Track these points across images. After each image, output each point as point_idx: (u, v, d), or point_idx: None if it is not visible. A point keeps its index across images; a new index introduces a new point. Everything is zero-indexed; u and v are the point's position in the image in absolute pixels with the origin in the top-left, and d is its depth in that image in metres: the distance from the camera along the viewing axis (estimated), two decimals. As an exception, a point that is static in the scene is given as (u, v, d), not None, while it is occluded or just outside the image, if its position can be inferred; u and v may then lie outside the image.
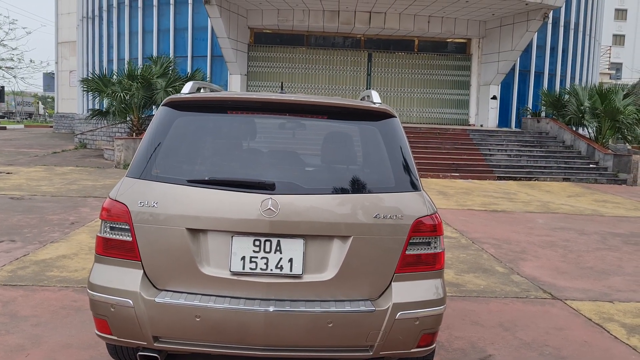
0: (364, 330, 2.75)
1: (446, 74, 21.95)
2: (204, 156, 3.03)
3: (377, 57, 21.74)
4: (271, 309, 2.68)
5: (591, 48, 25.15)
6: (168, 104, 3.07)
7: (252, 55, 21.27)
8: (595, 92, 18.49)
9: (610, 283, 6.03)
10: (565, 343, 4.28)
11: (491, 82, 20.92)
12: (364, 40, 21.78)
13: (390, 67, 21.75)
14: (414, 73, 21.79)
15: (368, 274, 2.82)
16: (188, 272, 2.78)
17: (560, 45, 23.10)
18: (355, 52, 21.72)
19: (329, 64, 21.53)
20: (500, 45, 20.36)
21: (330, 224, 2.78)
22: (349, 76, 21.65)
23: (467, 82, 21.94)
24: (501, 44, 20.30)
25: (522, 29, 19.32)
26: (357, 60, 21.69)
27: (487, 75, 21.18)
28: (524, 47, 19.89)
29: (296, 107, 3.05)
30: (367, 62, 21.70)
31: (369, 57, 21.70)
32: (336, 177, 2.93)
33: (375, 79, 21.75)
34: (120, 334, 2.82)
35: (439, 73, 21.90)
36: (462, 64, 21.97)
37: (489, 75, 21.05)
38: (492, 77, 20.88)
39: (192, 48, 21.31)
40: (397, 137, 3.05)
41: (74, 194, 10.46)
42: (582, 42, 24.13)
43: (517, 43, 19.54)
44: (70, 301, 4.69)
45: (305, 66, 21.47)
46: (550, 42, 22.70)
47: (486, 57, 21.25)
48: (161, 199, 2.81)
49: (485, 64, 21.34)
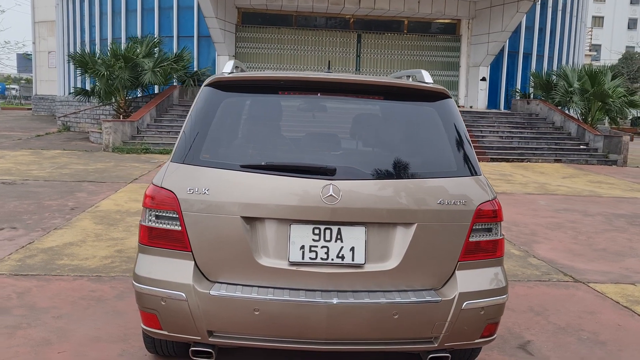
0: (430, 321, 2.63)
1: (436, 55, 21.83)
2: (256, 140, 2.86)
3: (366, 38, 21.50)
4: (334, 301, 2.54)
5: (578, 29, 25.23)
6: (212, 84, 2.88)
7: (239, 36, 20.86)
8: (584, 73, 18.54)
9: (627, 265, 6.02)
10: (600, 327, 4.24)
11: (481, 64, 20.87)
12: (354, 21, 21.50)
13: (380, 48, 21.54)
14: (403, 54, 21.62)
15: (431, 263, 2.69)
16: (243, 263, 2.62)
17: (548, 27, 23.11)
18: (345, 33, 21.44)
19: (318, 45, 21.22)
20: (490, 26, 20.27)
21: (393, 211, 2.64)
22: (338, 57, 21.39)
23: (457, 64, 21.85)
24: (491, 24, 20.21)
25: (512, 10, 19.24)
26: (347, 42, 21.43)
27: (477, 57, 21.11)
28: (514, 28, 19.84)
29: (352, 87, 2.89)
30: (357, 43, 21.44)
31: (359, 38, 21.45)
32: (396, 161, 2.78)
33: (364, 60, 21.53)
34: (171, 329, 2.66)
35: (429, 54, 21.76)
36: (452, 45, 21.86)
37: (479, 57, 20.98)
38: (481, 59, 20.81)
39: (178, 28, 20.81)
40: (455, 119, 2.91)
41: (67, 178, 10.15)
42: (569, 23, 24.18)
43: (507, 24, 19.47)
44: (88, 291, 4.50)
45: (294, 47, 21.13)
46: (539, 24, 22.69)
47: (476, 38, 21.16)
48: (213, 186, 2.63)
49: (474, 45, 21.25)
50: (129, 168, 11.80)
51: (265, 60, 20.95)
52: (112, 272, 4.97)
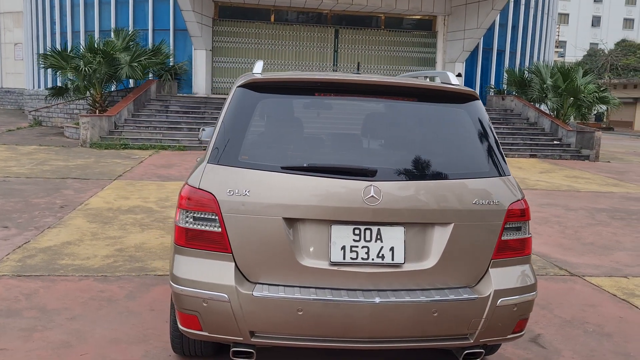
0: (467, 318, 2.71)
1: (412, 50, 22.00)
2: (293, 141, 2.88)
3: (343, 34, 21.54)
4: (377, 300, 2.59)
5: (548, 26, 25.78)
6: (247, 85, 2.87)
7: (217, 30, 20.64)
8: (557, 70, 18.97)
9: (616, 258, 6.23)
10: (603, 320, 4.39)
11: (456, 60, 21.13)
12: (331, 16, 21.50)
13: (357, 44, 21.60)
14: (380, 50, 21.73)
15: (467, 262, 2.76)
16: (285, 263, 2.64)
17: (521, 24, 23.53)
18: (322, 28, 21.43)
19: (295, 40, 21.17)
20: (465, 23, 20.54)
21: (431, 211, 2.70)
22: (316, 52, 21.38)
23: (433, 59, 22.08)
24: (467, 21, 20.48)
25: (487, 7, 19.52)
26: (324, 37, 21.42)
27: (453, 53, 21.37)
28: (489, 25, 20.15)
29: (387, 89, 2.93)
30: (334, 39, 21.46)
31: (336, 33, 21.46)
32: (432, 162, 2.83)
33: (342, 56, 21.57)
34: (212, 330, 2.66)
35: (405, 50, 21.93)
36: (428, 41, 22.07)
37: (455, 53, 21.25)
38: (457, 55, 21.09)
39: (153, 21, 20.45)
40: (485, 120, 2.98)
41: (49, 175, 9.93)
42: (540, 20, 24.67)
43: (483, 21, 19.75)
44: (97, 292, 4.45)
45: (271, 42, 21.02)
46: (512, 21, 23.08)
47: (452, 34, 21.42)
48: (254, 187, 2.64)
49: (450, 42, 21.51)
50: (110, 164, 11.61)
51: (243, 54, 20.79)
52: (117, 272, 4.92)
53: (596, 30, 78.39)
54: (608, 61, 56.04)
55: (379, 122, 2.95)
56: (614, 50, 60.51)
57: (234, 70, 20.74)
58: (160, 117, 16.65)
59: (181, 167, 11.88)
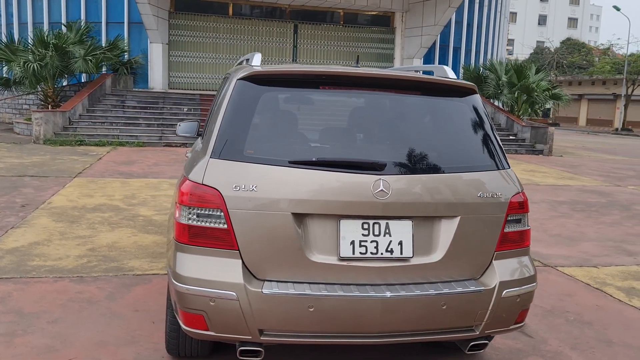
0: (474, 310, 2.73)
1: (371, 46, 22.15)
2: (299, 135, 2.82)
3: (303, 29, 21.46)
4: (388, 295, 2.57)
5: (501, 24, 26.45)
6: (247, 78, 2.79)
7: (173, 23, 20.19)
8: (511, 67, 19.50)
9: (583, 249, 6.44)
10: (581, 309, 4.53)
11: (414, 56, 21.41)
12: (290, 11, 21.39)
13: (317, 39, 21.58)
14: (340, 45, 21.78)
15: (472, 254, 2.79)
16: (294, 259, 2.59)
17: (475, 21, 24.06)
18: (281, 23, 21.29)
19: (254, 34, 20.95)
20: (423, 20, 20.82)
21: (438, 204, 2.71)
22: (275, 48, 21.23)
23: (392, 55, 22.30)
24: (424, 18, 20.76)
25: (444, 5, 19.85)
26: (283, 32, 21.29)
27: (411, 49, 21.63)
28: (446, 22, 20.49)
29: (391, 82, 2.92)
30: (293, 34, 21.37)
31: (295, 28, 21.37)
32: (438, 155, 2.84)
33: (301, 51, 21.50)
34: (219, 329, 2.59)
35: (364, 46, 22.04)
36: (387, 37, 22.27)
37: (413, 49, 21.51)
38: (415, 51, 21.36)
39: (107, 13, 19.82)
40: (484, 114, 3.01)
41: (4, 172, 9.50)
42: (493, 18, 25.28)
43: (440, 18, 20.08)
44: (75, 293, 4.27)
45: (230, 36, 20.73)
46: (467, 19, 23.55)
47: (410, 31, 21.67)
48: (261, 182, 2.58)
49: (408, 38, 21.76)
50: (68, 161, 11.20)
51: (200, 49, 20.42)
52: (94, 273, 4.74)
53: (542, 29, 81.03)
54: (554, 59, 58.01)
55: (384, 116, 2.93)
56: (559, 49, 62.70)
57: (191, 64, 20.38)
58: (117, 112, 16.19)
59: (142, 163, 11.59)
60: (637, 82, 46.26)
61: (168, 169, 11.06)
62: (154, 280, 4.63)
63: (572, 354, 3.68)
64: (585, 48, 63.76)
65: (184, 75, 20.28)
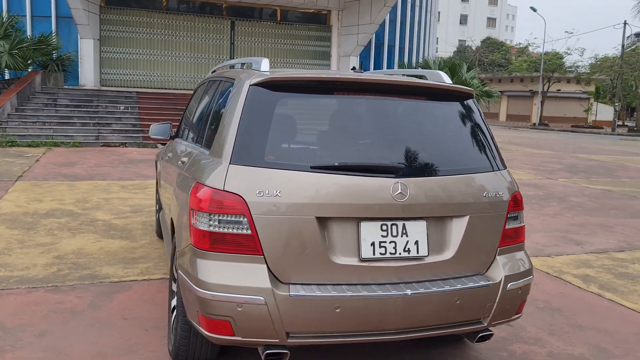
0: (483, 304, 2.89)
1: (308, 44, 22.28)
2: (317, 140, 2.88)
3: (240, 26, 21.27)
4: (409, 293, 2.69)
5: (431, 23, 27.33)
6: (261, 84, 2.82)
7: (104, 18, 19.45)
8: (444, 64, 20.21)
9: (534, 240, 6.84)
10: (548, 296, 4.84)
11: (351, 54, 21.75)
12: (226, 7, 21.14)
13: (254, 37, 21.45)
14: (277, 43, 21.76)
15: (480, 250, 2.95)
16: (318, 262, 2.65)
17: (408, 20, 24.74)
18: (218, 20, 21.01)
19: (190, 31, 20.55)
20: (359, 18, 21.18)
21: (450, 205, 2.85)
22: (212, 44, 20.92)
23: (328, 53, 22.53)
24: (360, 16, 21.12)
25: (380, 3, 20.28)
26: (220, 28, 21.02)
27: (347, 47, 21.95)
28: (381, 21, 20.95)
29: (401, 88, 3.02)
30: (230, 31, 21.13)
31: (232, 25, 21.15)
32: (447, 158, 2.98)
33: (238, 48, 21.30)
34: (246, 334, 2.61)
35: (302, 43, 22.15)
36: (323, 34, 22.47)
37: (349, 47, 21.84)
38: (352, 49, 21.69)
39: (32, 6, 18.85)
40: (482, 116, 3.18)
41: (-64, 178, 8.88)
42: (425, 17, 26.09)
43: (376, 17, 20.50)
44: (55, 304, 4.11)
45: (164, 32, 20.22)
46: (400, 17, 24.18)
47: (346, 29, 21.98)
48: (285, 188, 2.62)
49: (345, 36, 22.06)
50: (3, 164, 10.61)
51: (134, 45, 19.80)
52: (68, 281, 4.57)
53: (464, 28, 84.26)
54: (476, 57, 60.51)
55: (395, 120, 3.03)
56: (480, 47, 65.50)
57: (124, 61, 19.73)
58: (49, 111, 15.43)
59: (84, 165, 11.16)
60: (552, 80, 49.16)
61: (113, 170, 10.71)
62: (135, 287, 4.53)
63: (551, 339, 3.95)
64: (505, 47, 66.99)
65: (118, 72, 19.61)
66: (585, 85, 51.72)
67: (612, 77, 47.63)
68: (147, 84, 19.68)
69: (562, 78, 50.71)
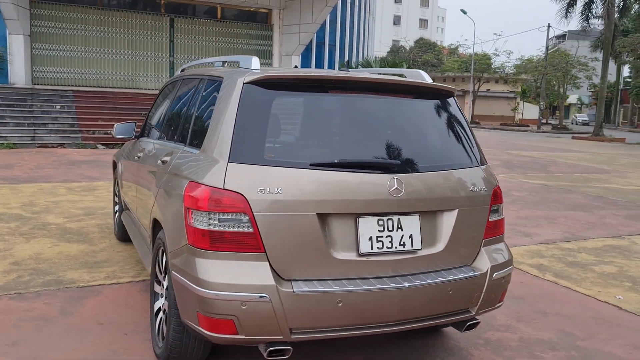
0: (472, 293, 3.02)
1: (249, 43, 22.13)
2: (314, 138, 2.90)
3: (179, 23, 20.85)
4: (406, 285, 2.77)
5: (369, 23, 27.79)
6: (256, 82, 2.82)
7: (35, 13, 18.55)
8: (385, 63, 20.63)
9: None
10: (510, 285, 5.06)
11: (293, 53, 21.79)
12: (165, 3, 20.66)
13: (194, 34, 21.09)
14: (218, 41, 21.49)
15: (467, 243, 3.08)
16: (319, 258, 2.69)
17: (348, 20, 25.06)
18: (157, 17, 20.50)
19: (127, 27, 19.93)
20: (301, 18, 21.25)
21: (441, 199, 2.96)
22: (151, 42, 20.40)
23: (270, 52, 22.47)
24: (302, 16, 21.20)
25: (321, 3, 20.43)
26: (159, 25, 20.52)
27: (289, 46, 21.98)
28: (323, 20, 21.11)
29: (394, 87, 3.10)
30: (170, 28, 20.68)
31: (171, 22, 20.70)
32: (435, 154, 3.09)
33: (178, 46, 20.88)
34: (250, 332, 2.61)
35: (243, 42, 21.98)
36: (265, 33, 22.39)
37: (291, 46, 21.87)
38: (293, 48, 21.74)
39: (-46, -1, 17.69)
40: (462, 113, 3.32)
41: None
42: (364, 18, 26.50)
43: (317, 16, 20.64)
44: (23, 311, 3.93)
45: (100, 29, 19.52)
46: (340, 18, 24.45)
47: (287, 28, 22.00)
48: (285, 185, 2.64)
49: (286, 35, 22.08)
50: None
51: (67, 41, 19.00)
52: (32, 288, 4.37)
53: (397, 29, 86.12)
54: (410, 57, 62.02)
55: (387, 118, 3.11)
56: (414, 48, 67.16)
57: (58, 58, 18.91)
58: (-22, 111, 14.59)
59: (23, 167, 10.65)
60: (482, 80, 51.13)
61: (55, 172, 10.27)
62: (104, 292, 4.39)
63: (520, 325, 4.15)
64: (437, 48, 69.00)
65: (51, 69, 18.76)
66: (512, 85, 54.17)
67: (536, 78, 50.10)
68: (84, 82, 18.96)
69: (491, 78, 52.88)
